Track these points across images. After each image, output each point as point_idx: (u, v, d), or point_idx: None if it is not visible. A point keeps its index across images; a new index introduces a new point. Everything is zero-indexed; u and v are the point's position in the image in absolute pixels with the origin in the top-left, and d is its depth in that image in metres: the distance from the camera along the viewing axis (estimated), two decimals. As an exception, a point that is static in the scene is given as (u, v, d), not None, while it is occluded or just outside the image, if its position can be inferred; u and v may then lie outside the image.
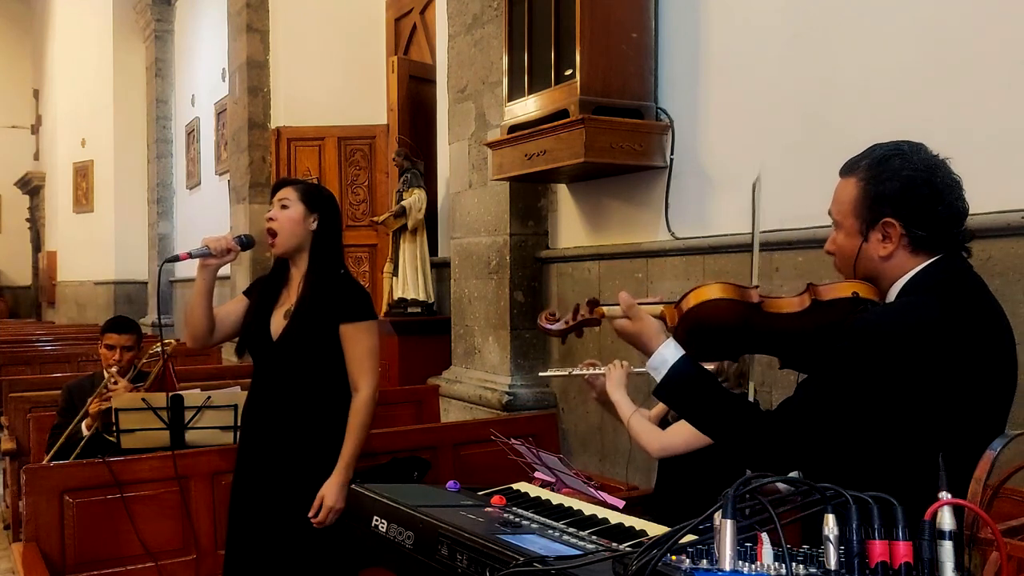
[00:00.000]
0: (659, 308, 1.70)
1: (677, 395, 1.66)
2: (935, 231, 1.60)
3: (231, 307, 2.81)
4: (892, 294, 1.64)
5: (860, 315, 1.60)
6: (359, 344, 2.68)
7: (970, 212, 1.67)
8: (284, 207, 2.68)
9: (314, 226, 2.70)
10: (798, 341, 1.65)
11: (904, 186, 1.59)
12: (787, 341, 1.67)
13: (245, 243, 2.71)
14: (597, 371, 2.76)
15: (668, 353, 1.64)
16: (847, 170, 1.69)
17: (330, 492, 2.58)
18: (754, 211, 1.92)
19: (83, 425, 3.42)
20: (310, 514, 2.59)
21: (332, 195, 2.86)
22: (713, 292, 1.62)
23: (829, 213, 1.73)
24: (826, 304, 1.62)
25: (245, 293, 2.85)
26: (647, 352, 1.67)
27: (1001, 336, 1.61)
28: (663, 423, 2.72)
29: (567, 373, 2.94)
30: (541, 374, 3.29)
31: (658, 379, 1.65)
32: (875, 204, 1.61)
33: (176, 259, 2.75)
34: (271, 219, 2.69)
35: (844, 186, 1.68)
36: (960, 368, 1.53)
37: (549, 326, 1.79)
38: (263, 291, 2.78)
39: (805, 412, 1.55)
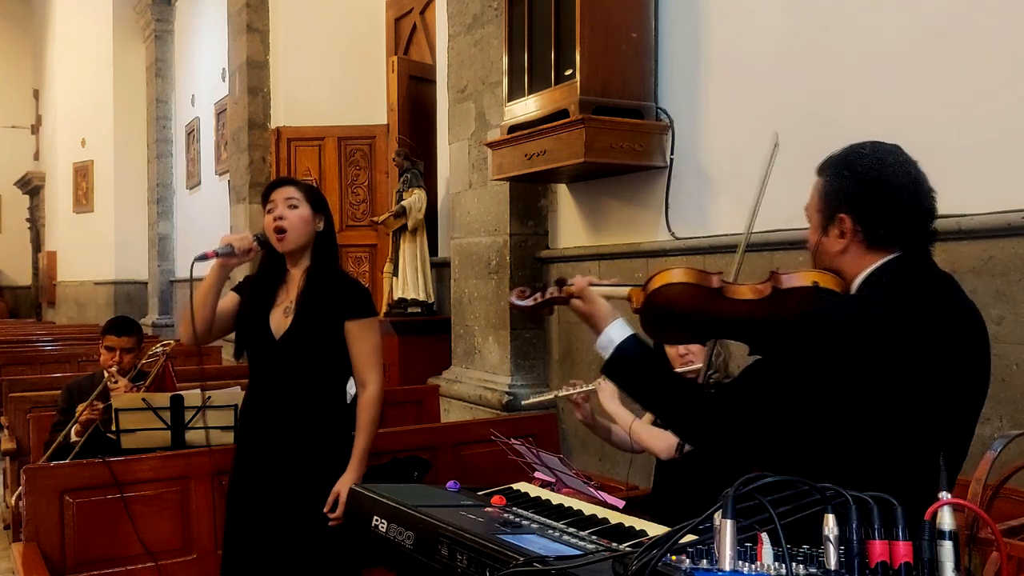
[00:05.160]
0: (626, 290, 1.77)
1: (622, 373, 1.74)
2: (889, 228, 1.62)
3: (224, 303, 2.80)
4: (853, 289, 1.68)
5: (810, 306, 1.63)
6: (364, 341, 2.69)
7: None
8: (294, 206, 2.67)
9: (320, 227, 2.73)
10: (757, 328, 1.69)
11: (857, 184, 1.64)
12: (746, 327, 1.71)
13: (264, 242, 2.69)
14: (583, 388, 2.77)
15: (615, 333, 1.71)
16: (818, 170, 1.75)
17: (346, 488, 2.57)
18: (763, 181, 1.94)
19: (72, 432, 3.40)
20: (326, 510, 2.60)
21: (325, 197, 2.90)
22: (675, 276, 1.69)
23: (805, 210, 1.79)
24: (786, 292, 1.66)
25: (235, 290, 2.84)
26: (597, 332, 1.74)
27: (964, 333, 1.61)
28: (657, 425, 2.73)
29: (552, 396, 2.95)
30: (525, 402, 3.29)
31: (605, 357, 1.72)
32: (831, 200, 1.68)
33: (204, 258, 2.62)
34: (282, 217, 2.67)
35: (814, 184, 1.75)
36: (906, 365, 1.53)
37: (519, 302, 1.86)
38: (257, 289, 2.77)
39: (743, 394, 1.62)
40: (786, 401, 1.57)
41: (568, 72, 3.77)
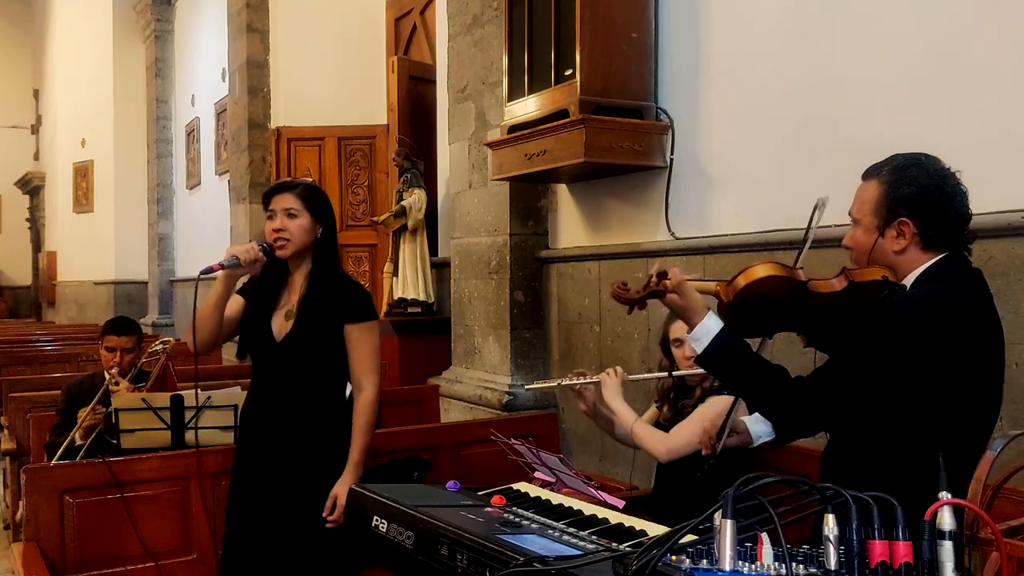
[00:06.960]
0: (713, 285, 1.87)
1: (719, 361, 1.85)
2: (943, 232, 1.81)
3: (230, 309, 2.80)
4: (906, 284, 1.83)
5: (890, 297, 1.79)
6: (363, 344, 2.70)
7: (971, 212, 1.82)
8: (293, 216, 2.67)
9: (319, 233, 2.72)
10: (834, 318, 1.82)
11: (919, 191, 1.80)
12: (824, 318, 1.84)
13: (268, 250, 2.68)
14: (587, 380, 2.76)
15: (711, 324, 1.83)
16: (869, 174, 1.88)
17: (343, 491, 2.58)
18: (808, 229, 2.01)
19: (76, 436, 3.40)
20: (325, 514, 2.61)
21: (327, 195, 2.87)
22: (768, 269, 1.81)
23: (849, 213, 1.90)
24: (859, 285, 1.82)
25: (239, 292, 2.84)
26: (691, 324, 1.86)
27: (998, 329, 1.79)
28: (656, 427, 2.74)
29: (556, 384, 2.94)
30: (528, 387, 3.27)
31: (699, 349, 1.85)
32: (893, 205, 1.82)
33: (210, 271, 2.62)
34: (281, 229, 2.67)
35: (866, 187, 1.88)
36: (975, 352, 1.72)
37: (623, 294, 1.93)
38: (260, 293, 2.77)
39: (836, 378, 1.77)
40: (872, 384, 1.72)
41: (568, 72, 3.77)
